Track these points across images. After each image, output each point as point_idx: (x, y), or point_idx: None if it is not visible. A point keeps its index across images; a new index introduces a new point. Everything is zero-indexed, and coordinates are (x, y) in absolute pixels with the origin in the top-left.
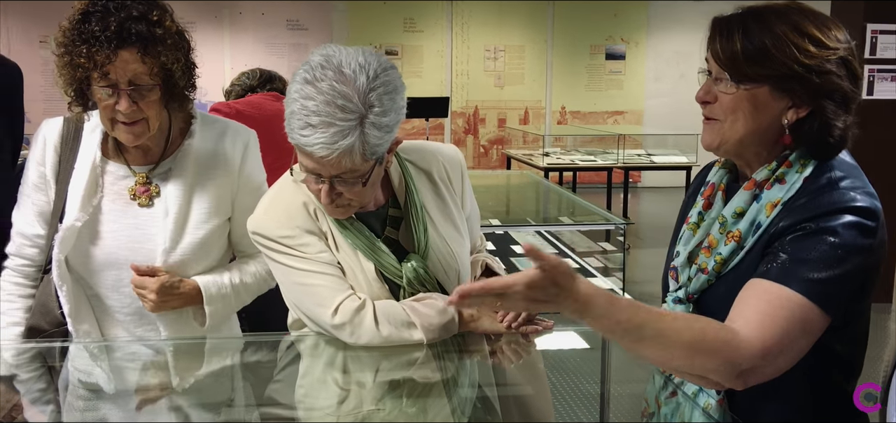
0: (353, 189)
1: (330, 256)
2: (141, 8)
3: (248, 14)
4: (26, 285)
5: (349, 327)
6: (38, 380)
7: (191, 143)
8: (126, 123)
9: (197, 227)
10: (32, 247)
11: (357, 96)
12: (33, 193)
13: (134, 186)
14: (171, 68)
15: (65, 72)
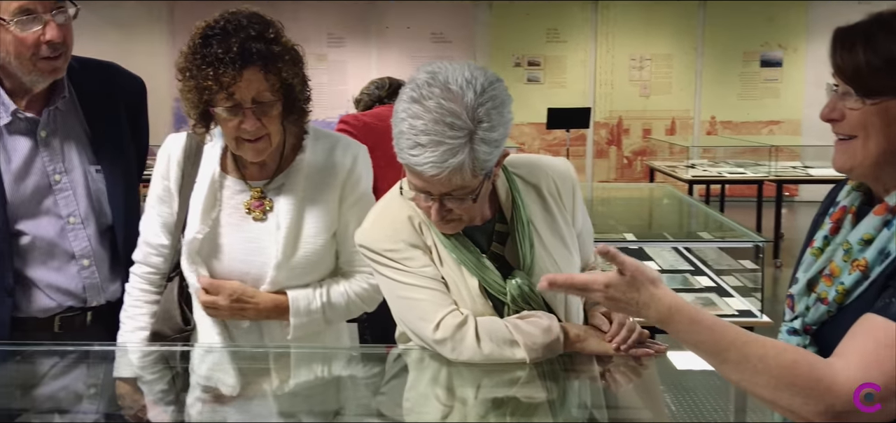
0: (463, 205)
1: (434, 270)
2: (258, 27)
3: (394, 28)
4: (151, 292)
5: (450, 342)
6: (161, 382)
7: (303, 158)
8: (250, 141)
9: (308, 241)
10: (157, 256)
11: (465, 113)
12: (158, 204)
13: (249, 201)
14: (292, 83)
15: (190, 96)
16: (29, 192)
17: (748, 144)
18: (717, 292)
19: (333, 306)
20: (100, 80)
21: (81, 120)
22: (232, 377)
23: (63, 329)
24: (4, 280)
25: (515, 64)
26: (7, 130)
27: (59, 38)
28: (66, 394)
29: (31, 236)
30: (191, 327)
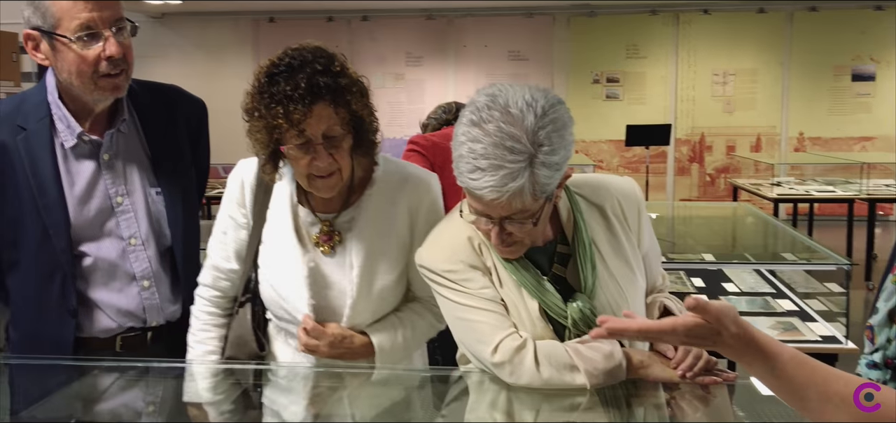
0: (524, 228)
1: (493, 292)
2: (323, 61)
3: (471, 46)
4: (220, 315)
5: (509, 366)
6: (232, 404)
7: (372, 192)
8: (322, 177)
9: (383, 277)
10: (226, 281)
11: (525, 136)
12: (232, 230)
13: (318, 235)
14: (361, 116)
15: (259, 135)
16: (92, 214)
17: (838, 161)
18: (799, 316)
19: (416, 338)
20: (161, 102)
21: (143, 142)
22: (300, 398)
23: (124, 349)
24: (68, 301)
25: (594, 80)
26: (72, 154)
27: (119, 53)
28: (127, 411)
29: (93, 257)
30: (265, 353)
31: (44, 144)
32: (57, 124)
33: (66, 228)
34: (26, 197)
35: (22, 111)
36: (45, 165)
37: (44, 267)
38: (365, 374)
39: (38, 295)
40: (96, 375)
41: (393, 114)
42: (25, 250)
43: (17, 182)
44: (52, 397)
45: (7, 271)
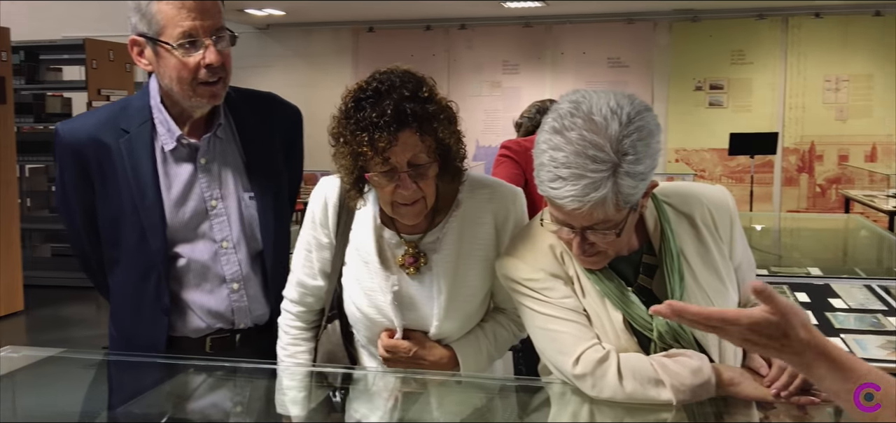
0: (606, 239)
1: (575, 302)
2: (411, 86)
3: (569, 53)
4: (308, 329)
5: (590, 378)
6: (318, 407)
7: (458, 212)
8: (407, 205)
9: (468, 299)
10: (312, 297)
11: (609, 145)
12: (316, 249)
13: (403, 257)
14: (448, 143)
15: (344, 162)
16: (187, 216)
17: None
18: None
19: (498, 349)
20: (257, 109)
21: (238, 148)
22: (383, 403)
23: (214, 350)
24: (162, 301)
25: (696, 87)
26: (171, 157)
27: (218, 62)
28: (216, 411)
29: (186, 258)
30: (358, 365)
31: (144, 147)
32: (158, 128)
33: (162, 228)
34: (126, 197)
35: (126, 115)
36: (145, 167)
37: (140, 266)
38: (448, 381)
39: (135, 294)
40: (188, 374)
41: (488, 121)
42: (124, 249)
43: (119, 183)
44: (145, 394)
45: (109, 269)
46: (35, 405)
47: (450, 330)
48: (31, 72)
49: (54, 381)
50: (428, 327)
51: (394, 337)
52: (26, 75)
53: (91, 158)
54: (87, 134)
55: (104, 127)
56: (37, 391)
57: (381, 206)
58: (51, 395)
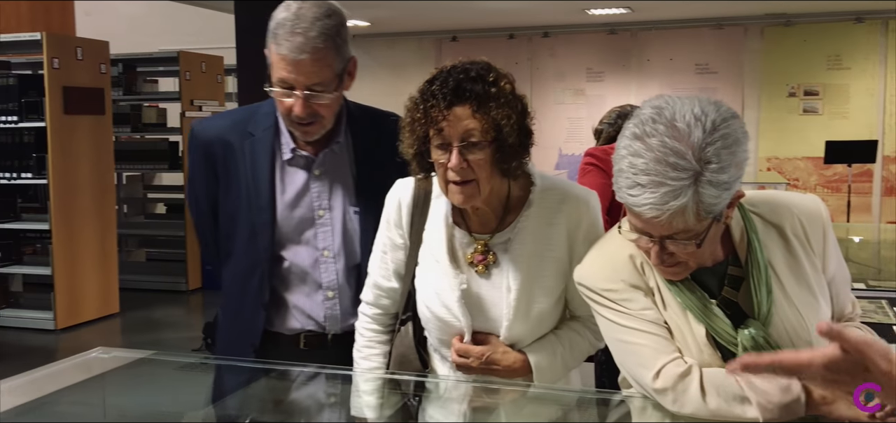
0: (686, 249)
1: (656, 313)
2: (481, 71)
3: (655, 60)
4: (383, 332)
5: (671, 393)
6: (393, 414)
7: (529, 213)
8: (457, 183)
9: (540, 300)
10: (387, 298)
11: (691, 152)
12: (391, 250)
13: (472, 255)
14: (501, 125)
15: (407, 137)
16: (295, 222)
17: None
18: None
19: (575, 358)
20: (374, 128)
21: (351, 163)
22: (457, 413)
23: (307, 346)
24: (262, 296)
25: (790, 94)
26: (288, 164)
27: (302, 114)
28: (299, 412)
29: (289, 262)
30: (428, 371)
31: (266, 151)
32: (280, 135)
33: (271, 229)
34: (244, 196)
35: (253, 119)
36: (264, 170)
37: (248, 262)
38: (523, 392)
39: (241, 286)
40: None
41: (572, 130)
42: (237, 244)
43: (239, 182)
44: (229, 397)
45: (224, 261)
46: (124, 405)
47: (521, 333)
48: (128, 83)
49: (144, 382)
50: (498, 330)
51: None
52: (124, 87)
53: (218, 155)
54: (217, 133)
55: (233, 128)
56: (126, 391)
57: (439, 186)
58: (139, 396)
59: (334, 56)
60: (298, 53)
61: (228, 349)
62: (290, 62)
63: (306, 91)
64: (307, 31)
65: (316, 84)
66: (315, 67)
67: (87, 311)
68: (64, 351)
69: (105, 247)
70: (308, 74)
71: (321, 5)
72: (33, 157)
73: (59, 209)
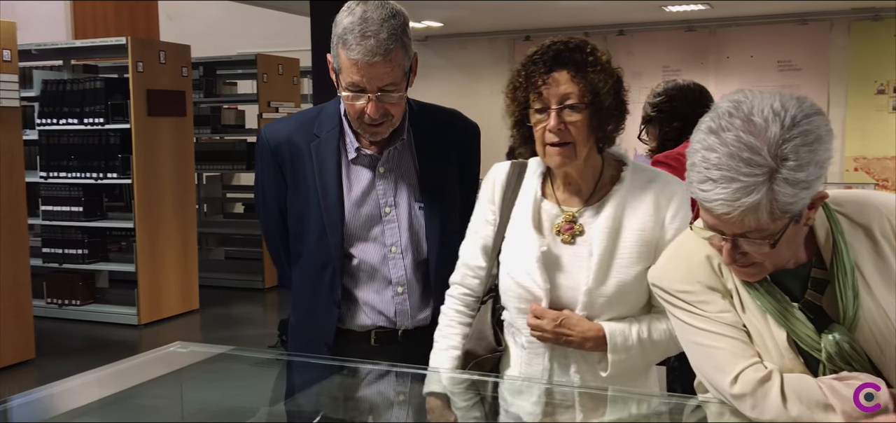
0: (761, 249)
1: (734, 316)
2: (578, 43)
3: (735, 57)
4: (466, 313)
5: (750, 399)
6: (468, 403)
7: (619, 188)
8: (554, 145)
9: (621, 270)
10: (474, 277)
11: (766, 148)
12: (481, 227)
13: (560, 223)
14: (598, 89)
15: (509, 104)
16: (362, 220)
17: None
18: None
19: (654, 343)
20: (436, 124)
21: (414, 160)
22: (530, 411)
23: (378, 342)
24: (334, 294)
25: (878, 91)
26: (353, 163)
27: (376, 115)
28: (371, 408)
29: (358, 259)
30: (502, 348)
31: (331, 152)
32: (345, 136)
33: (340, 228)
34: (312, 196)
35: (319, 121)
36: (330, 170)
37: (319, 261)
38: (598, 395)
39: (313, 285)
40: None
41: None
42: (307, 244)
43: (307, 182)
44: (302, 393)
45: (293, 261)
46: (201, 399)
47: (599, 303)
48: (208, 86)
49: (221, 377)
50: (576, 303)
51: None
52: (204, 89)
53: (286, 157)
54: (284, 136)
55: (299, 130)
56: (204, 386)
57: (537, 150)
58: (216, 390)
59: (403, 55)
60: (371, 56)
61: (302, 348)
62: (363, 66)
63: (378, 93)
64: (377, 33)
65: (388, 85)
66: (387, 68)
67: (168, 307)
68: (146, 346)
69: (186, 245)
70: (380, 76)
71: (385, 6)
72: (119, 157)
73: (142, 208)
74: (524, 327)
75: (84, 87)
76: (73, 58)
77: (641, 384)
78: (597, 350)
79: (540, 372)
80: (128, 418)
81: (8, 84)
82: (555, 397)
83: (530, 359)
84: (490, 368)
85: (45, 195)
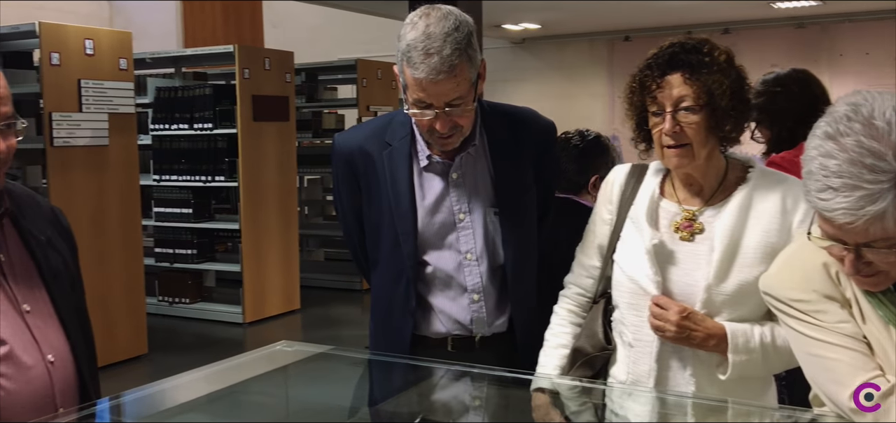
0: (888, 259)
1: (853, 327)
2: (695, 44)
3: (849, 55)
4: (578, 313)
5: (871, 414)
6: (577, 405)
7: (744, 188)
8: (672, 147)
9: (743, 268)
10: (588, 277)
11: (892, 153)
12: (598, 226)
13: (679, 221)
14: (713, 90)
15: (627, 109)
16: (436, 227)
17: None
18: None
19: (777, 349)
20: (509, 127)
21: (488, 165)
22: (638, 412)
23: (455, 349)
24: (409, 303)
25: None
26: (425, 170)
27: (445, 129)
28: (460, 409)
29: (433, 266)
30: (612, 347)
31: (403, 160)
32: (416, 144)
33: (414, 236)
34: (386, 205)
35: (390, 128)
36: (403, 178)
37: (393, 269)
38: (716, 407)
39: (389, 293)
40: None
41: None
42: (382, 252)
43: (380, 191)
44: (401, 394)
45: (372, 269)
46: (305, 395)
47: (719, 301)
48: (310, 91)
49: (323, 375)
50: (694, 295)
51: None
52: (306, 94)
53: (359, 166)
54: (357, 144)
55: (371, 139)
56: (307, 383)
57: (656, 151)
58: (319, 388)
59: (468, 68)
60: (436, 75)
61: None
62: (428, 84)
63: (445, 108)
64: (441, 49)
65: (454, 99)
66: (452, 84)
67: (271, 306)
68: (250, 344)
69: (288, 246)
70: (446, 93)
71: (448, 17)
72: (226, 161)
73: (247, 210)
74: (632, 324)
75: (194, 93)
76: (184, 65)
77: (758, 396)
78: (718, 351)
79: (646, 372)
80: (237, 413)
81: (124, 92)
82: (665, 407)
83: (637, 358)
84: (599, 366)
85: (157, 197)
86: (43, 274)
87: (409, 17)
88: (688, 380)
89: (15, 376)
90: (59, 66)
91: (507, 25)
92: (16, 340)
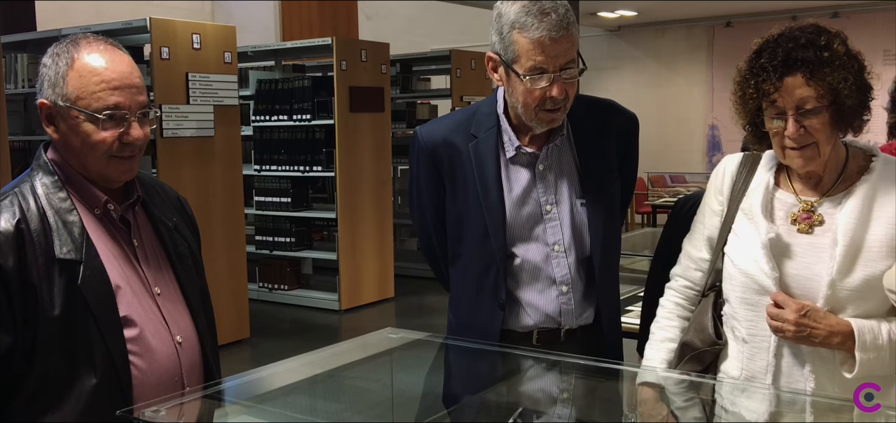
0: None
1: None
2: (809, 36)
3: None
4: (686, 307)
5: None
6: (684, 401)
7: (868, 178)
8: (795, 148)
9: (869, 261)
10: (697, 270)
11: None
12: (707, 218)
13: (796, 213)
14: (838, 89)
15: (739, 108)
16: (524, 219)
17: None
18: None
19: None
20: (594, 117)
21: (574, 156)
22: (752, 409)
23: (540, 342)
24: (498, 296)
25: None
26: (512, 162)
27: (561, 95)
28: (544, 400)
29: (521, 259)
30: (722, 342)
31: (490, 151)
32: (502, 134)
33: (503, 228)
34: (472, 197)
35: (476, 120)
36: (490, 170)
37: (481, 262)
38: (839, 406)
39: (475, 287)
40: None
41: None
42: (468, 245)
43: (466, 183)
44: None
45: (452, 262)
46: (408, 382)
47: (843, 296)
48: (404, 82)
49: (426, 361)
50: (816, 290)
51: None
52: (401, 85)
53: (444, 158)
54: (442, 137)
55: (456, 131)
56: (411, 368)
57: (775, 151)
58: (422, 373)
59: (577, 32)
60: (556, 32)
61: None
62: (548, 43)
63: (561, 72)
64: (556, 8)
65: (568, 62)
66: (568, 43)
67: (366, 294)
68: (346, 330)
69: (382, 236)
70: (564, 52)
71: None
72: (323, 151)
73: (344, 200)
74: (746, 318)
75: (293, 85)
76: (284, 58)
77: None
78: (842, 349)
79: (763, 368)
80: (348, 396)
81: (229, 84)
82: (779, 406)
83: (752, 354)
84: (708, 362)
85: (258, 187)
86: (171, 258)
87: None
88: (807, 377)
89: (146, 356)
90: (168, 60)
91: (603, 13)
92: (147, 322)
